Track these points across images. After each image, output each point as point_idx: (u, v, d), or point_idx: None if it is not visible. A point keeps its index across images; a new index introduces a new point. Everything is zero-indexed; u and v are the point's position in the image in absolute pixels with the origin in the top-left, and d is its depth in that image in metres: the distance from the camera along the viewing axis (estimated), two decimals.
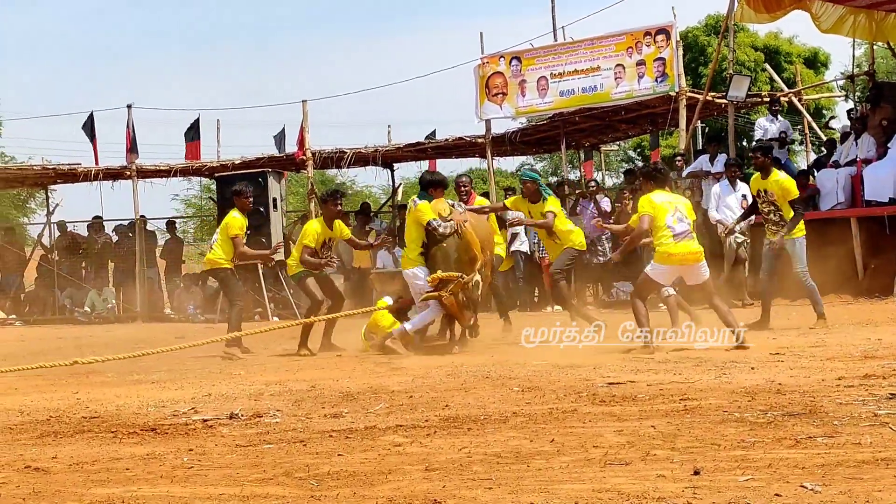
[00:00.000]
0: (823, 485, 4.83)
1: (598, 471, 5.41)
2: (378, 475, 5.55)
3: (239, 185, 14.59)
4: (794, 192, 13.50)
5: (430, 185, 13.16)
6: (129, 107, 25.56)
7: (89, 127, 26.36)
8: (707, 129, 29.84)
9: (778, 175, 13.55)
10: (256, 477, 5.64)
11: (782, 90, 24.52)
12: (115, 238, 26.44)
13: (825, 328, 12.99)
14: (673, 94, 20.73)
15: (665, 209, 11.77)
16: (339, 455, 6.19)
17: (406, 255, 12.96)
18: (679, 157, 21.36)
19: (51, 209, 29.58)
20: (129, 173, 25.77)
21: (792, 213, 13.31)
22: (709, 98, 21.35)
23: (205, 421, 7.70)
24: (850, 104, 23.74)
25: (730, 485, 4.93)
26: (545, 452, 5.99)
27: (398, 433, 6.86)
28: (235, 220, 13.84)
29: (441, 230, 12.58)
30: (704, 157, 20.71)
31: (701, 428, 6.51)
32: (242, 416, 7.87)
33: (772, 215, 13.51)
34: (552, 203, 13.82)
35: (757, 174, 13.80)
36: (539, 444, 6.26)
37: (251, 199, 14.45)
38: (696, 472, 5.19)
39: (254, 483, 5.48)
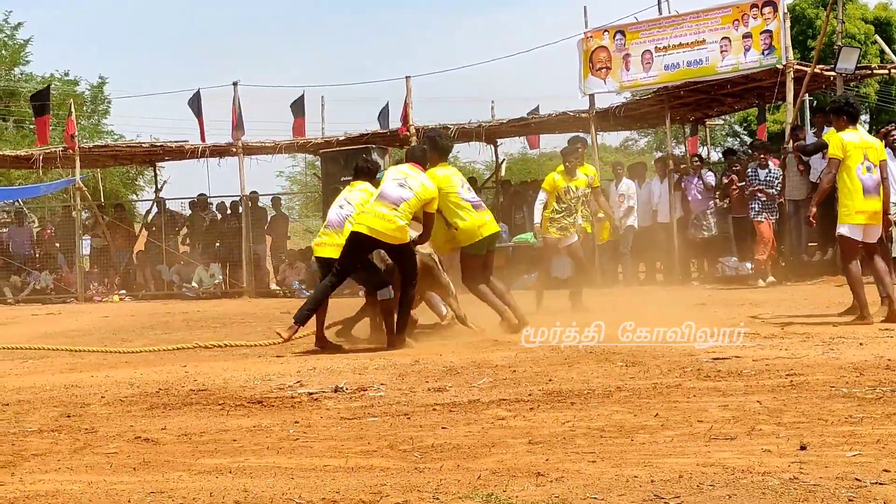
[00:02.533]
0: None
1: (702, 445, 5.37)
2: (481, 448, 5.57)
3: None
4: None
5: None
6: (234, 84, 25.85)
7: (196, 104, 26.71)
8: (815, 103, 29.39)
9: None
10: (361, 449, 5.69)
11: (893, 62, 24.00)
12: (218, 216, 26.81)
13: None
14: (780, 66, 20.41)
15: (856, 155, 11.27)
16: (442, 428, 6.22)
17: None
18: (795, 129, 21.05)
19: (159, 186, 30.09)
20: (235, 150, 26.06)
21: None
22: (817, 71, 20.97)
23: (310, 394, 7.79)
24: None
25: (837, 460, 4.87)
26: (649, 427, 5.96)
27: (501, 407, 6.88)
28: None
29: None
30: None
31: (808, 403, 6.43)
32: (347, 389, 7.94)
33: None
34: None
35: None
36: (643, 418, 6.24)
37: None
38: (803, 448, 5.13)
39: (358, 455, 5.53)
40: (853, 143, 11.28)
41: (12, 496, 4.79)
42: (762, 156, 19.85)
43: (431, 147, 11.72)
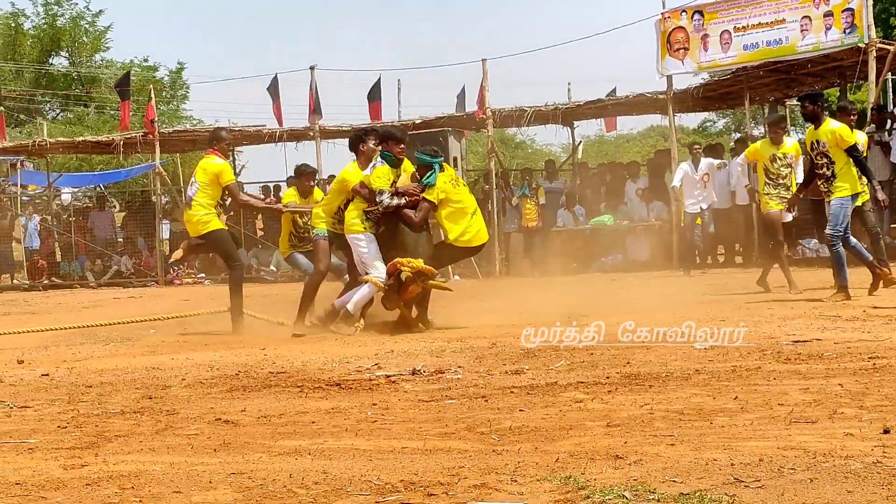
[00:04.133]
0: None
1: (782, 428, 5.32)
2: (559, 430, 5.56)
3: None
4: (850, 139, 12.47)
5: (387, 139, 11.67)
6: (311, 68, 25.97)
7: (274, 89, 26.88)
8: None
9: (829, 122, 12.59)
10: (438, 431, 5.70)
11: None
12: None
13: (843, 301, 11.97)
14: (862, 45, 20.12)
15: None
16: (520, 410, 6.21)
17: (349, 218, 11.54)
18: (875, 110, 20.77)
19: (237, 171, 30.33)
20: (312, 134, 26.20)
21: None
22: None
23: (388, 376, 7.82)
24: None
25: None
26: (728, 410, 5.91)
27: (579, 390, 6.86)
28: None
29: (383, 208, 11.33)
30: None
31: (891, 387, 6.34)
32: (424, 371, 7.96)
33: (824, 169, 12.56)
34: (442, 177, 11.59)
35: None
36: (722, 401, 6.19)
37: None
38: (886, 431, 5.07)
39: (436, 437, 5.54)
40: None
41: (96, 476, 4.86)
42: None
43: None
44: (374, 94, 27.12)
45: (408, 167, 11.74)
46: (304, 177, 13.64)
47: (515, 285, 19.24)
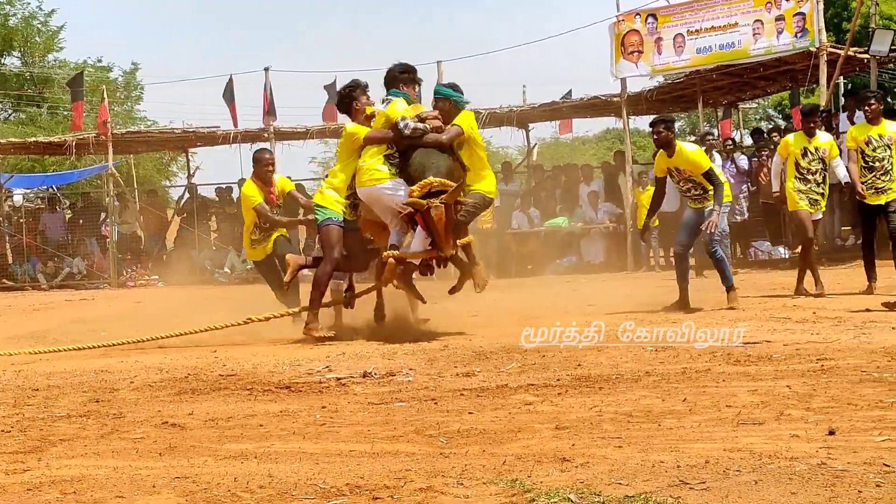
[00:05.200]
0: None
1: (730, 430, 5.34)
2: (508, 433, 5.55)
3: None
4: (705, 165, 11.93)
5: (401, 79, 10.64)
6: (266, 70, 25.88)
7: (228, 90, 26.77)
8: (850, 86, 29.16)
9: (684, 149, 12.00)
10: (387, 434, 5.68)
11: None
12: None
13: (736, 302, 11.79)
14: (813, 49, 20.27)
15: None
16: (469, 413, 6.20)
17: (369, 168, 10.27)
18: (710, 136, 20.97)
19: (191, 172, 30.20)
20: (266, 136, 26.12)
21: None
22: (850, 53, 20.82)
23: (338, 379, 7.78)
24: None
25: (866, 445, 4.82)
26: (677, 412, 5.93)
27: (529, 392, 6.86)
28: None
29: (410, 132, 10.11)
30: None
31: (838, 388, 6.38)
32: (376, 374, 7.93)
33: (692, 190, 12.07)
34: (464, 117, 10.51)
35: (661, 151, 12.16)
36: (671, 403, 6.20)
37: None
38: (832, 433, 5.09)
39: (384, 440, 5.52)
40: None
41: (38, 481, 4.81)
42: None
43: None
44: (331, 96, 27.04)
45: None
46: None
47: (469, 287, 19.19)
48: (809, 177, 13.33)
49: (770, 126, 36.89)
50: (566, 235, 23.54)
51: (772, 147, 21.53)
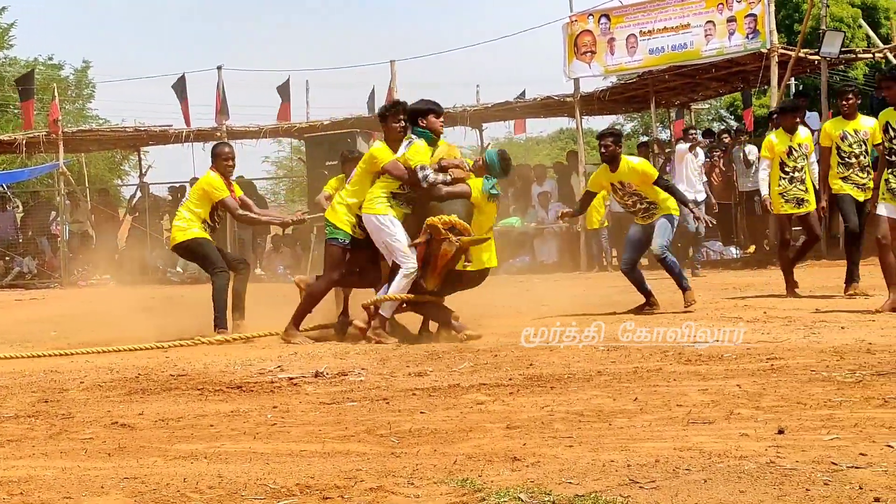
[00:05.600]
0: None
1: (680, 429, 5.36)
2: (459, 433, 5.55)
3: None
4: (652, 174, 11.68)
5: (425, 113, 10.35)
6: (218, 68, 25.81)
7: (180, 89, 26.64)
8: (801, 87, 29.39)
9: (629, 161, 11.69)
10: (338, 434, 5.67)
11: (878, 47, 24.02)
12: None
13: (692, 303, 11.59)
14: (764, 50, 20.42)
15: None
16: (421, 413, 6.19)
17: (377, 197, 10.12)
18: (692, 130, 21.09)
19: (143, 171, 30.02)
20: (219, 134, 25.99)
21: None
22: (801, 55, 20.99)
23: (290, 379, 7.76)
24: None
25: (814, 444, 4.85)
26: (628, 411, 5.94)
27: (481, 391, 6.86)
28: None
29: (426, 184, 9.99)
30: None
31: (787, 387, 6.42)
32: (328, 374, 7.91)
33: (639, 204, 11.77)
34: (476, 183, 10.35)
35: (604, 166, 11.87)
36: (622, 402, 6.22)
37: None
38: (781, 432, 5.12)
39: (335, 440, 5.50)
40: None
41: None
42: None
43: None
44: (283, 95, 27.00)
45: (443, 145, 10.67)
46: (349, 163, 11.75)
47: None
48: (795, 174, 13.05)
49: (722, 127, 37.13)
50: (519, 235, 23.59)
51: (723, 148, 21.71)
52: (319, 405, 6.65)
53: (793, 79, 24.03)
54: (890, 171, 10.54)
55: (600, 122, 53.05)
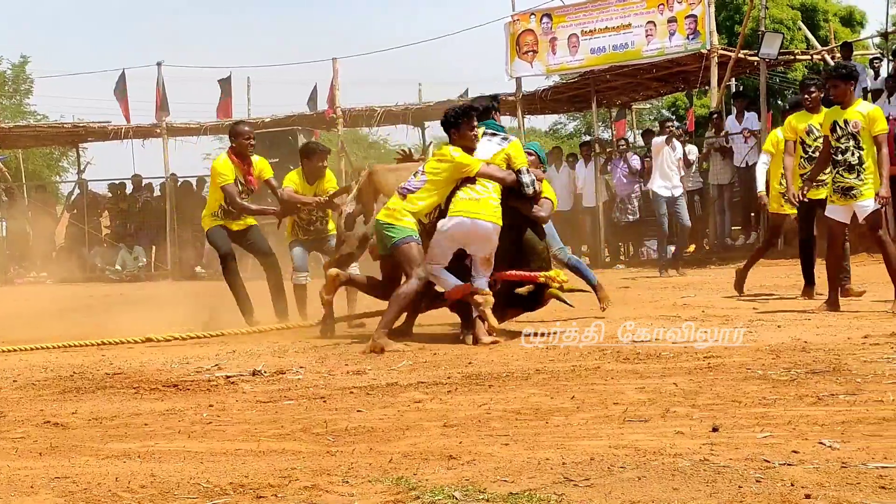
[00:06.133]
0: (842, 441, 4.78)
1: (616, 427, 5.37)
2: (396, 431, 5.53)
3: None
4: None
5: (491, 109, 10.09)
6: (158, 64, 25.63)
7: (120, 85, 26.43)
8: (742, 88, 29.61)
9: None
10: (274, 432, 5.63)
11: (816, 49, 24.28)
12: (146, 196, 26.57)
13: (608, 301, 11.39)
14: (704, 51, 20.58)
15: None
16: (358, 411, 6.17)
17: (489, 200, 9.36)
18: (715, 115, 21.25)
19: (82, 168, 29.75)
20: (159, 131, 25.84)
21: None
22: (741, 56, 21.17)
23: (227, 377, 7.71)
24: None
25: (748, 441, 4.88)
26: (565, 409, 5.95)
27: (419, 390, 6.84)
28: None
29: (530, 191, 9.48)
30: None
31: (723, 385, 6.46)
32: (265, 372, 7.86)
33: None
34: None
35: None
36: (559, 400, 6.22)
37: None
38: (715, 429, 5.14)
39: (271, 438, 5.47)
40: None
41: None
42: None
43: None
44: (225, 91, 26.86)
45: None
46: (315, 156, 11.70)
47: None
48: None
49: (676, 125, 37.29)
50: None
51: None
52: (256, 404, 6.61)
53: (733, 79, 24.19)
54: (836, 170, 10.58)
55: (542, 122, 53.11)
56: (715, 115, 21.29)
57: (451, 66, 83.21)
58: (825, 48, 23.97)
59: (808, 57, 23.95)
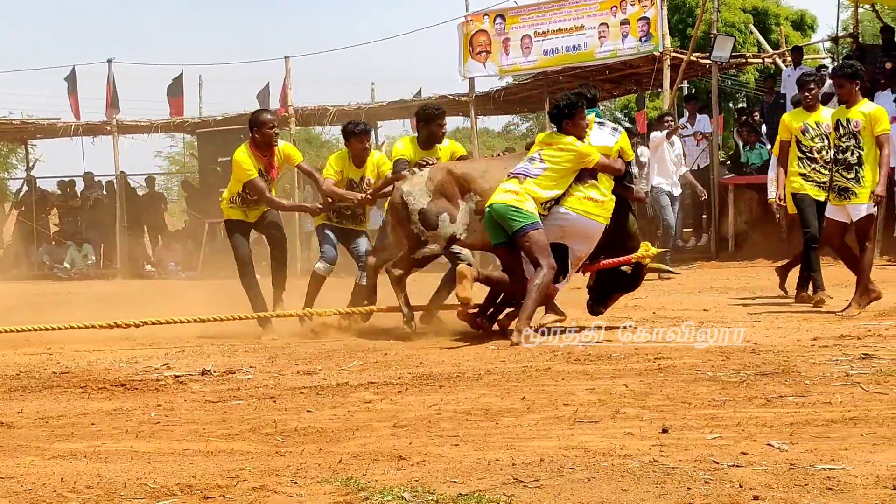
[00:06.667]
0: (790, 443, 4.80)
1: (566, 428, 5.37)
2: (345, 431, 5.51)
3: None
4: None
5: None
6: (109, 61, 25.42)
7: (71, 82, 26.21)
8: (694, 90, 29.77)
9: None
10: (223, 432, 5.59)
11: (767, 52, 24.45)
12: (97, 194, 26.37)
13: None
14: (657, 53, 20.64)
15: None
16: (307, 411, 6.14)
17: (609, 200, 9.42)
18: (668, 117, 21.32)
19: (30, 165, 29.49)
20: (109, 129, 25.64)
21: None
22: (693, 59, 21.26)
23: (176, 377, 7.65)
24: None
25: (697, 443, 4.90)
26: (515, 410, 5.95)
27: (369, 390, 6.82)
28: None
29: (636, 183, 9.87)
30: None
31: (673, 387, 6.48)
32: (215, 372, 7.81)
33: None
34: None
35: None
36: (510, 401, 6.22)
37: None
38: (665, 431, 5.16)
39: (219, 438, 5.43)
40: None
41: None
42: None
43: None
44: (176, 90, 26.69)
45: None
46: (358, 137, 11.04)
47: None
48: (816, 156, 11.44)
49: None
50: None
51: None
52: (205, 403, 6.57)
53: (685, 82, 24.31)
54: (836, 168, 10.51)
55: (495, 122, 53.19)
56: (667, 118, 21.36)
57: (405, 66, 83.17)
58: (776, 52, 24.15)
59: (760, 60, 24.13)
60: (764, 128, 20.44)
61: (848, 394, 6.02)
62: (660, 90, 22.28)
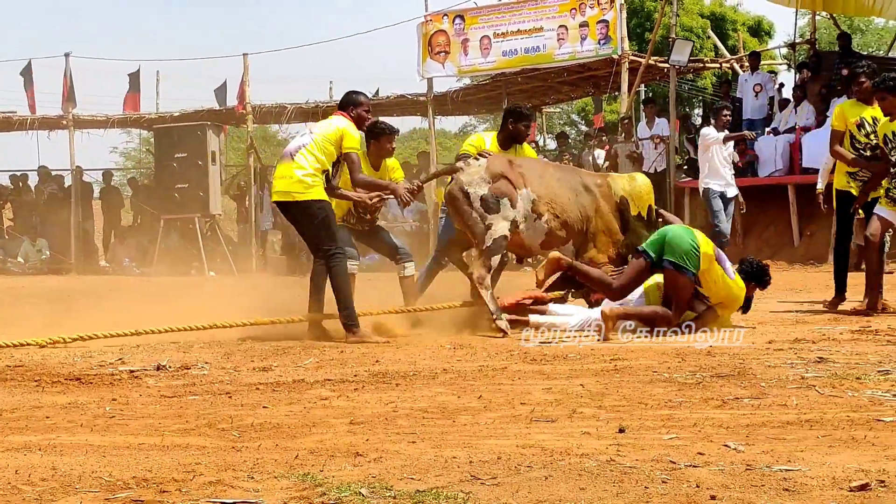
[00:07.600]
0: (747, 444, 4.82)
1: (523, 427, 5.38)
2: (302, 428, 5.49)
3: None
4: None
5: None
6: (66, 55, 25.27)
7: (27, 75, 26.04)
8: (651, 94, 29.93)
9: None
10: (178, 427, 5.56)
11: (725, 57, 24.62)
12: (54, 188, 26.20)
13: None
14: (615, 56, 20.76)
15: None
16: (263, 407, 6.12)
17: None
18: (626, 120, 21.43)
19: None
20: (65, 123, 25.48)
21: None
22: (651, 62, 21.39)
23: (131, 371, 7.60)
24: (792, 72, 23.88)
25: (654, 443, 4.92)
26: (472, 408, 5.95)
27: (326, 387, 6.80)
28: None
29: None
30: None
31: (629, 387, 6.50)
32: (170, 367, 7.77)
33: None
34: None
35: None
36: (466, 400, 6.22)
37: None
38: (621, 430, 5.17)
39: (175, 433, 5.39)
40: None
41: None
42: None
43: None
44: (133, 85, 26.58)
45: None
46: (388, 137, 10.81)
47: (272, 283, 19.04)
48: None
49: (575, 132, 37.58)
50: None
51: (573, 152, 21.98)
52: (160, 398, 6.53)
53: (643, 85, 24.42)
54: (892, 181, 10.38)
55: (453, 123, 53.26)
56: (625, 121, 21.47)
57: (362, 65, 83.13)
58: (734, 56, 24.34)
59: (718, 65, 24.32)
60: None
61: (803, 396, 6.06)
62: (618, 93, 22.44)
